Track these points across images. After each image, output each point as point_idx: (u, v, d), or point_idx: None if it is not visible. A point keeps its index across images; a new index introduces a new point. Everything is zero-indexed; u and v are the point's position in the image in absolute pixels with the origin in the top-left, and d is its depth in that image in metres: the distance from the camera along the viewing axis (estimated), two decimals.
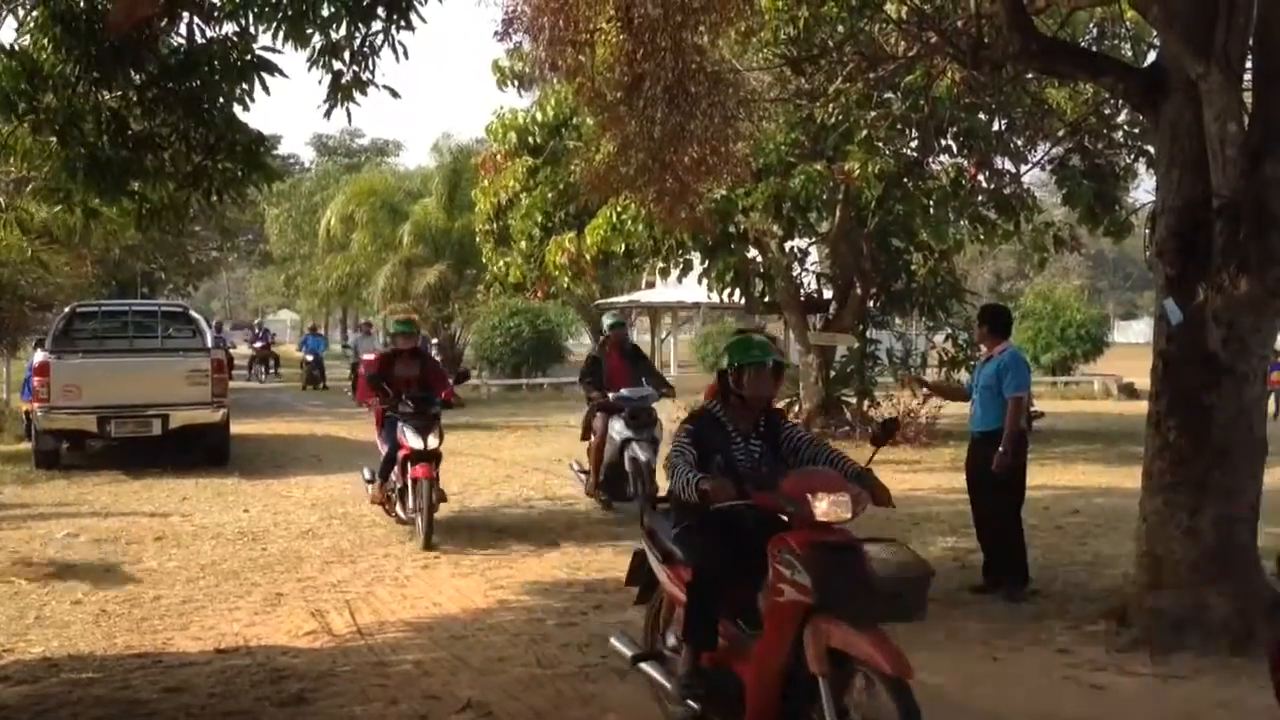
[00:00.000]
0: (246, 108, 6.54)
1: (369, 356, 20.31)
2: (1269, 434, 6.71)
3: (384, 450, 10.36)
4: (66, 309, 16.26)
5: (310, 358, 32.46)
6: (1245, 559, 6.45)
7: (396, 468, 10.01)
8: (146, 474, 13.50)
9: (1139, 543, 6.73)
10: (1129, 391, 26.90)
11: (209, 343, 15.02)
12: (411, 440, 9.71)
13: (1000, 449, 7.52)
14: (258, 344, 37.26)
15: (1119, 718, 5.48)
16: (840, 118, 13.43)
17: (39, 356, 14.00)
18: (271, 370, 36.65)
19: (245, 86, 6.38)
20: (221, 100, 6.49)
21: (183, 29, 6.42)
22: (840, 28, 12.23)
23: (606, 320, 12.40)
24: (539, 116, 16.60)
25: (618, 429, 10.60)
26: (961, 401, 8.59)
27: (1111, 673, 5.99)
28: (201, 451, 14.30)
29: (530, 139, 16.85)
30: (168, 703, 5.68)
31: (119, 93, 6.46)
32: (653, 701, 5.38)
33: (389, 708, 5.57)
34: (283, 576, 8.48)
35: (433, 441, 9.76)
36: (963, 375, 19.75)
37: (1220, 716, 5.37)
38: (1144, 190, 17.50)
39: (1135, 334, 58.24)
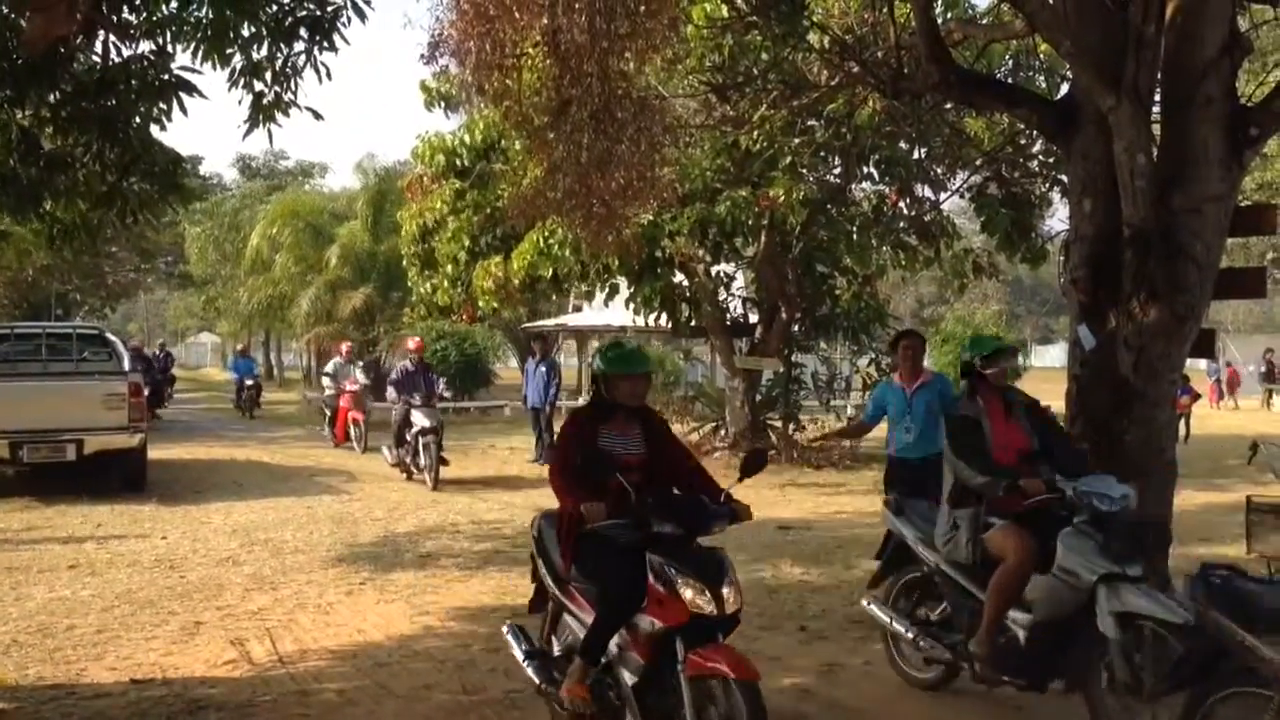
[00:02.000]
0: (164, 128, 6.46)
1: (351, 387, 19.74)
2: (1178, 457, 6.90)
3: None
4: None
5: (249, 381, 29.86)
6: (1157, 579, 6.60)
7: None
8: (60, 500, 13.15)
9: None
10: None
11: (125, 366, 14.70)
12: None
13: None
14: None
15: None
16: (765, 144, 13.61)
17: None
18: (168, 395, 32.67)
19: (163, 106, 6.29)
20: (138, 120, 6.39)
21: (99, 47, 6.32)
22: (764, 56, 12.41)
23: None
24: (466, 139, 16.58)
25: None
26: (863, 433, 8.74)
27: (1032, 693, 6.08)
28: (118, 477, 13.97)
29: (457, 162, 16.82)
30: None
31: (31, 111, 6.34)
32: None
33: None
34: (201, 605, 8.30)
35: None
36: (852, 398, 20.08)
37: None
38: (1059, 218, 17.98)
39: (1051, 358, 59.43)
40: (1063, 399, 7.04)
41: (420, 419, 14.85)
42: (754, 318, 18.49)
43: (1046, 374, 36.25)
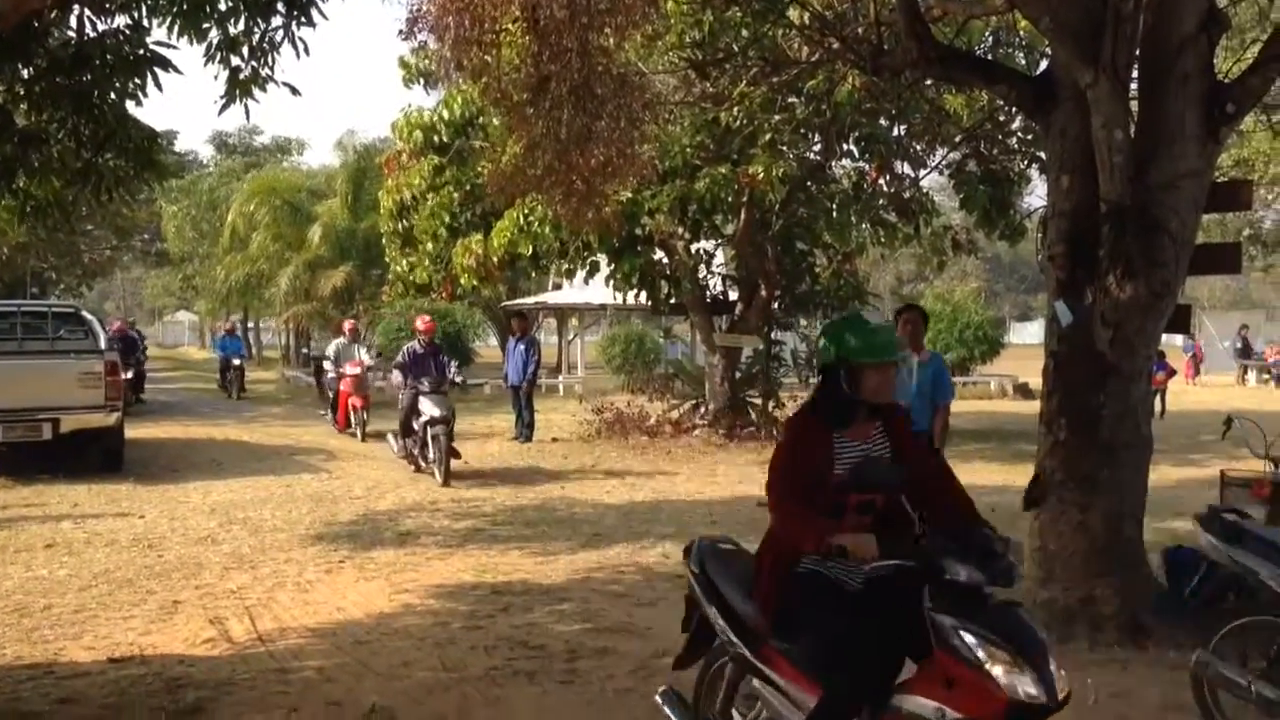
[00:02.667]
0: (139, 103, 6.40)
1: (352, 371, 18.43)
2: (1154, 432, 6.95)
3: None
4: None
5: (235, 361, 28.67)
6: (1132, 553, 6.68)
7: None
8: (36, 480, 13.06)
9: (1031, 538, 6.91)
10: (1024, 391, 27.61)
11: (102, 344, 14.60)
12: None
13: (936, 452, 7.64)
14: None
15: None
16: (744, 121, 13.59)
17: None
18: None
19: (138, 81, 6.24)
20: (113, 95, 6.33)
21: (73, 21, 6.25)
22: (744, 32, 12.39)
23: None
24: (445, 115, 16.47)
25: None
26: None
27: None
28: (95, 456, 13.87)
29: (436, 138, 16.71)
30: (60, 714, 5.52)
31: (4, 87, 6.27)
32: (558, 705, 5.39)
33: (289, 715, 5.48)
34: (180, 583, 8.28)
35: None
36: None
37: (1112, 705, 5.54)
38: (1037, 195, 18.01)
39: (1030, 335, 59.71)
40: (1040, 374, 7.08)
41: (429, 407, 13.45)
42: (734, 295, 18.50)
43: (1025, 350, 36.44)
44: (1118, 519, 6.63)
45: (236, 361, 28.65)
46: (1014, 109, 12.23)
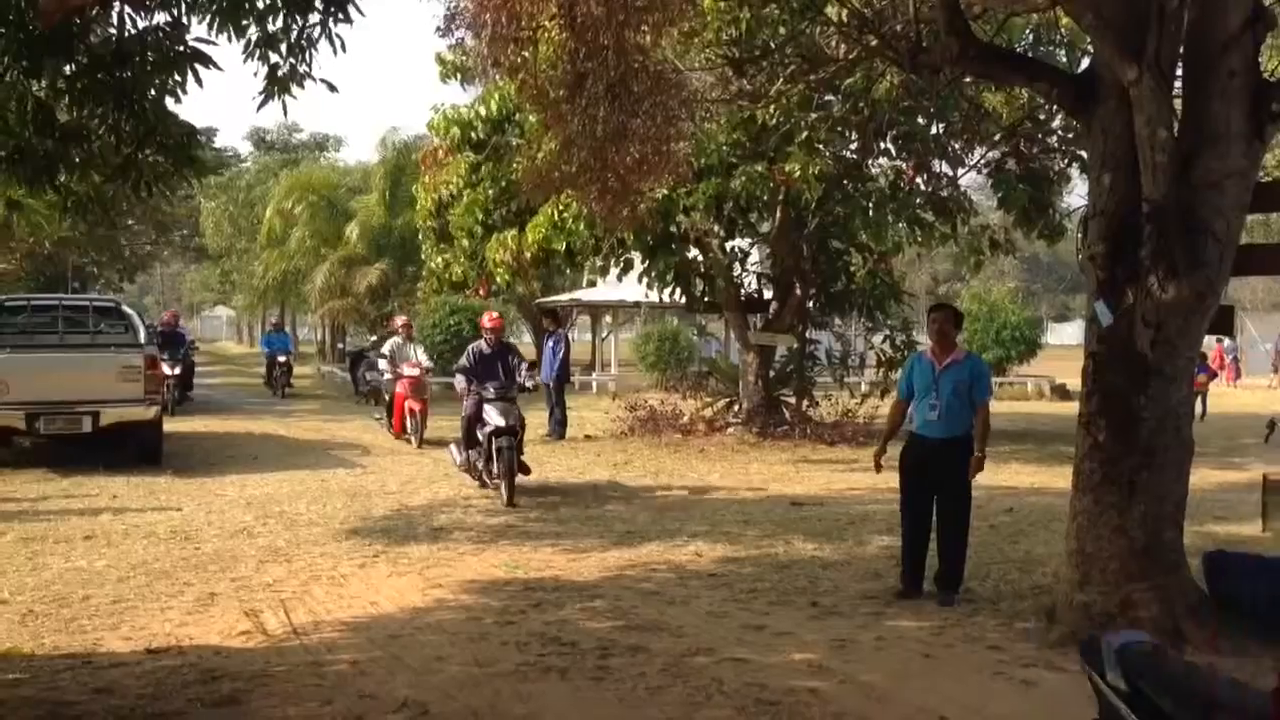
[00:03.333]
0: (178, 100, 6.44)
1: (410, 372, 16.93)
2: (1194, 435, 6.86)
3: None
4: None
5: (282, 358, 27.46)
6: (1171, 557, 6.59)
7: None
8: (76, 472, 13.23)
9: (1069, 541, 6.84)
10: (1061, 392, 27.37)
11: (142, 338, 14.75)
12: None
13: (978, 454, 7.58)
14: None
15: (1048, 712, 5.57)
16: (781, 119, 13.53)
17: None
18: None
19: (177, 78, 6.28)
20: (153, 92, 6.37)
21: (114, 19, 6.31)
22: (781, 30, 12.33)
23: None
24: (481, 112, 16.52)
25: None
26: (903, 413, 8.17)
27: (1041, 668, 6.09)
28: (133, 449, 14.03)
29: (472, 135, 16.77)
30: (97, 704, 5.57)
31: (47, 83, 6.33)
32: (590, 701, 5.39)
33: (323, 708, 5.50)
34: (216, 576, 8.35)
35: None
36: (866, 375, 20.00)
37: None
38: (1077, 194, 17.86)
39: (1068, 336, 59.26)
40: (1079, 376, 7.00)
41: (494, 416, 11.75)
42: (768, 293, 18.43)
43: (1063, 351, 36.12)
44: (1157, 522, 6.54)
45: (283, 358, 27.55)
46: (1054, 107, 12.11)
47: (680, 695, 5.67)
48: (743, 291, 18.23)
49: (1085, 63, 8.40)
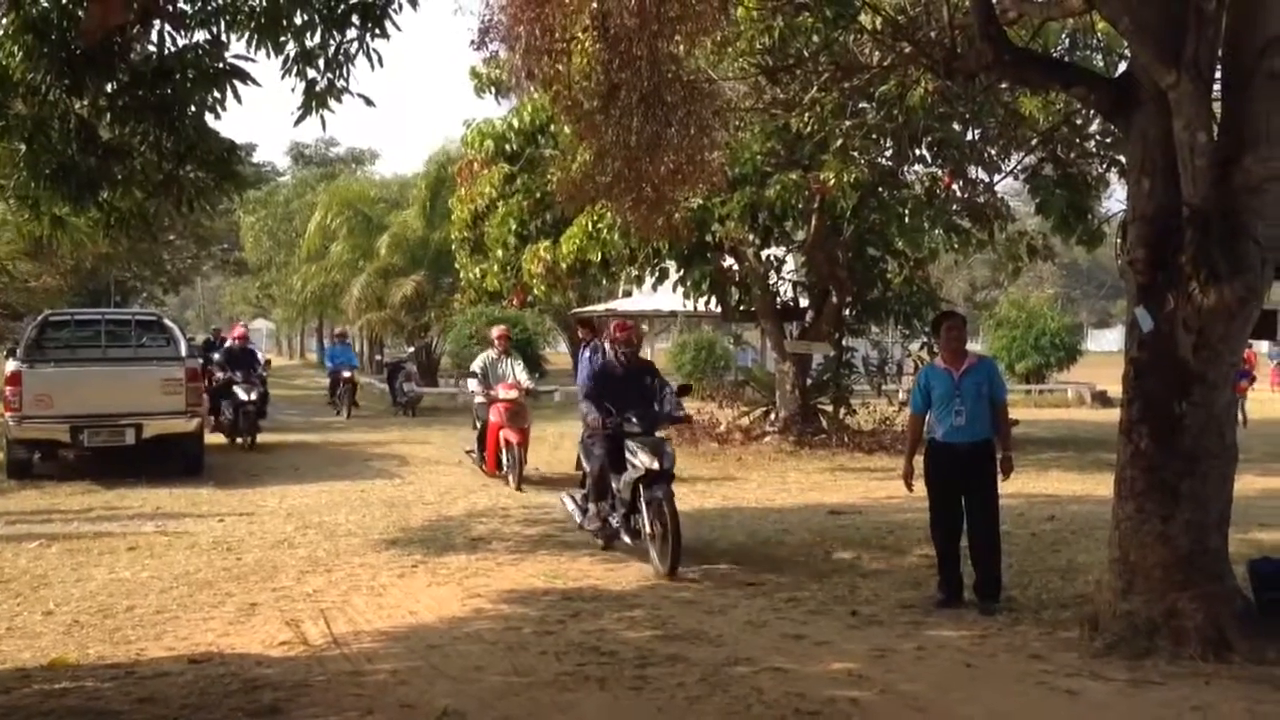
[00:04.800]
0: (218, 116, 6.54)
1: (508, 394, 13.64)
2: (1238, 441, 6.77)
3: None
4: (38, 317, 16.14)
5: (347, 373, 24.90)
6: (1217, 564, 6.50)
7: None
8: (120, 484, 13.39)
9: (1112, 549, 6.77)
10: (1102, 399, 27.10)
11: (183, 351, 14.93)
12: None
13: (1006, 455, 7.64)
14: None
15: None
16: (815, 127, 13.49)
17: (11, 366, 13.87)
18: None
19: (217, 94, 6.37)
20: (193, 108, 6.47)
21: (154, 37, 6.40)
22: (815, 38, 12.30)
23: None
24: (515, 124, 16.61)
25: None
26: (922, 426, 8.11)
27: (1084, 678, 6.03)
28: (176, 461, 14.20)
29: (507, 146, 16.85)
30: (141, 713, 5.63)
31: (89, 101, 6.43)
32: (629, 711, 5.38)
33: (364, 717, 5.53)
34: (257, 586, 8.42)
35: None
36: (904, 382, 19.88)
37: None
38: (1116, 199, 17.65)
39: (1108, 342, 58.62)
40: (1120, 383, 6.93)
41: (642, 457, 8.77)
42: (804, 302, 18.39)
43: (1103, 358, 35.78)
44: (1201, 529, 6.46)
45: (348, 374, 24.81)
46: (1092, 111, 12.01)
47: (719, 705, 5.66)
48: (778, 300, 18.19)
49: (1122, 67, 8.33)
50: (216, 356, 25.35)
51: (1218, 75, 6.60)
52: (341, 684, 6.05)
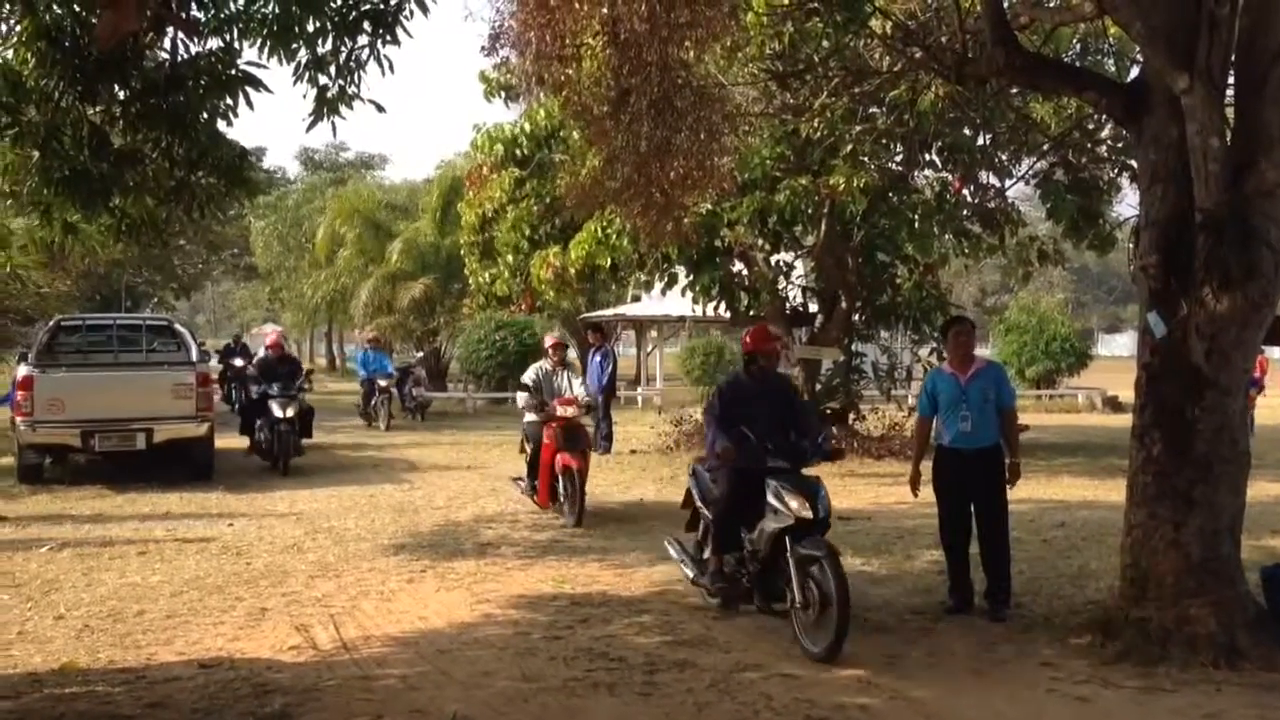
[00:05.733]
0: (230, 123, 6.56)
1: (566, 411, 11.48)
2: (1251, 447, 6.75)
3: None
4: (50, 322, 16.20)
5: (383, 381, 22.86)
6: (1229, 571, 6.48)
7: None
8: (130, 488, 13.43)
9: (1123, 555, 6.75)
10: (1113, 404, 27.02)
11: (194, 356, 14.97)
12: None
13: (1013, 461, 7.61)
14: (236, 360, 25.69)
15: None
16: (825, 132, 13.49)
17: (22, 370, 13.92)
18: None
19: (229, 101, 6.39)
20: (205, 115, 6.49)
21: (167, 44, 6.43)
22: (825, 43, 12.30)
23: None
24: (526, 129, 16.62)
25: None
26: (928, 430, 7.98)
27: (1096, 685, 6.01)
28: (186, 465, 14.22)
29: (517, 151, 16.86)
30: (151, 718, 5.65)
31: (102, 107, 6.46)
32: (638, 717, 5.37)
33: None
34: (267, 591, 8.43)
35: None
36: (913, 388, 19.84)
37: None
38: (1127, 204, 17.64)
39: (1119, 347, 58.55)
40: (1131, 389, 6.91)
41: (791, 501, 6.82)
42: (814, 307, 18.35)
43: (1114, 363, 35.66)
44: (1214, 536, 6.43)
45: (383, 383, 22.75)
46: (1103, 116, 11.99)
47: (728, 711, 5.65)
48: (788, 305, 18.15)
49: (1134, 72, 8.32)
50: (238, 361, 24.82)
51: (1231, 80, 6.58)
52: (351, 689, 6.05)
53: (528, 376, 12.26)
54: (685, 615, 7.62)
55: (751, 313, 17.88)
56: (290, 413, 15.02)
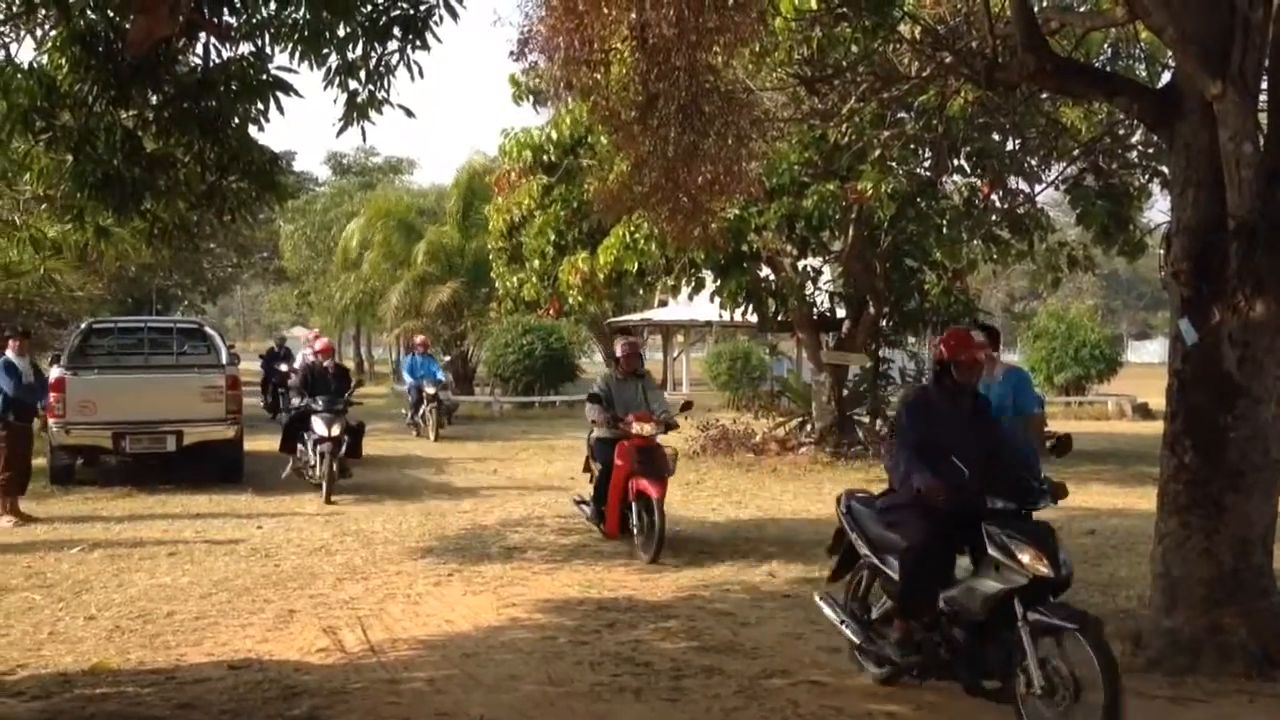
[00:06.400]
0: (261, 127, 6.60)
1: (644, 428, 9.89)
2: None
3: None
4: (82, 325, 16.36)
5: (431, 389, 21.10)
6: (1261, 581, 6.41)
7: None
8: (160, 490, 13.54)
9: (1154, 564, 6.68)
10: (1143, 412, 26.78)
11: (224, 359, 15.08)
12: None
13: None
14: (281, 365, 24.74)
15: None
16: (853, 137, 13.43)
17: (55, 373, 14.06)
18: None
19: (260, 106, 6.43)
20: (236, 120, 6.53)
21: (199, 49, 6.48)
22: (854, 48, 12.22)
23: None
24: (554, 134, 16.65)
25: None
26: None
27: (1127, 695, 5.94)
28: (215, 468, 14.33)
29: (545, 157, 16.90)
30: (181, 718, 5.69)
31: (134, 112, 6.51)
32: None
33: None
34: (295, 593, 8.48)
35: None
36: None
37: None
38: (1158, 210, 17.46)
39: (1149, 354, 58.03)
40: (1162, 396, 6.85)
41: (1023, 555, 5.29)
42: (841, 312, 18.31)
43: (1144, 370, 35.33)
44: (1246, 545, 6.37)
45: (431, 390, 21.02)
46: (1135, 122, 11.88)
47: (755, 717, 5.64)
48: (815, 310, 18.12)
49: (1166, 77, 8.24)
50: (284, 366, 23.45)
51: (1264, 85, 6.52)
52: (378, 692, 6.08)
53: (597, 386, 10.70)
54: (712, 621, 7.61)
55: (779, 318, 17.86)
56: (336, 430, 13.24)
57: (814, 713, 5.67)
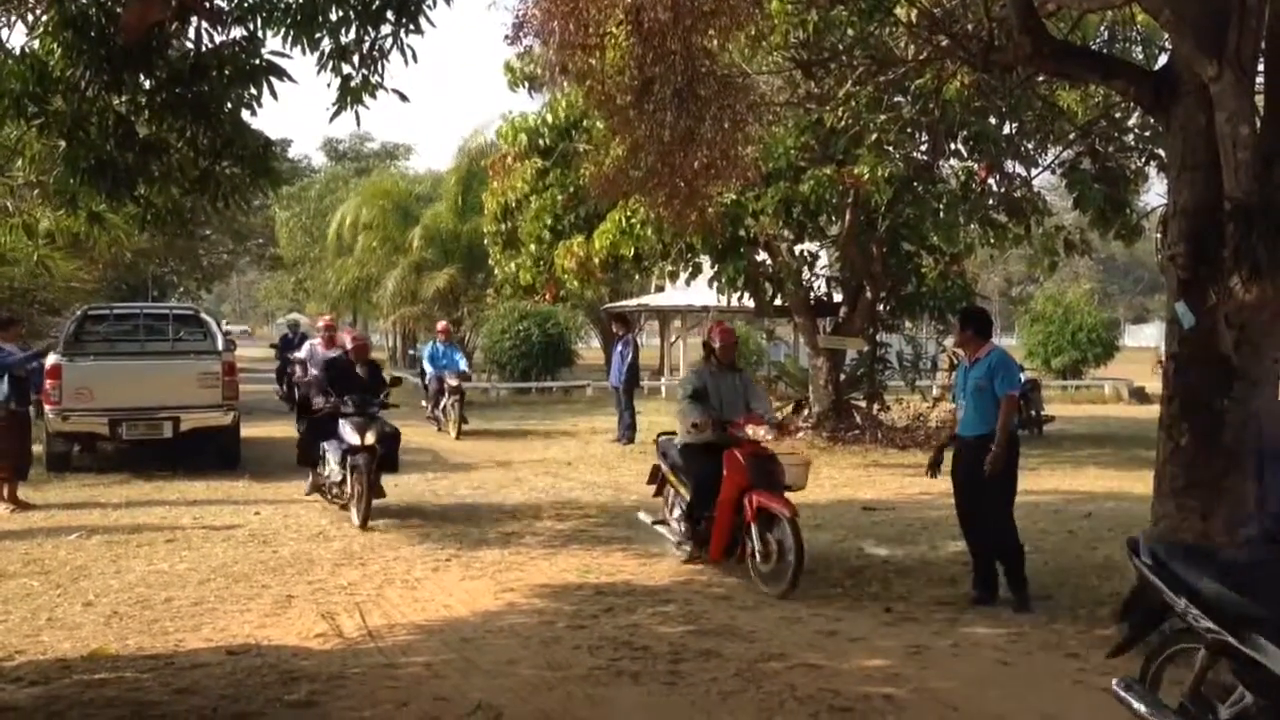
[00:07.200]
0: (254, 112, 6.55)
1: (757, 432, 8.42)
2: None
3: None
4: (78, 312, 16.33)
5: (453, 380, 19.02)
6: None
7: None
8: (157, 476, 13.53)
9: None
10: (1140, 395, 26.83)
11: (220, 345, 15.06)
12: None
13: (994, 448, 7.35)
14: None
15: None
16: (850, 121, 13.42)
17: (51, 359, 14.04)
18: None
19: (253, 91, 6.39)
20: (229, 105, 6.49)
21: (192, 34, 6.44)
22: (850, 31, 12.24)
23: None
24: (549, 119, 16.61)
25: None
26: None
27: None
28: (212, 454, 14.32)
29: (540, 141, 16.86)
30: (179, 704, 5.70)
31: (127, 97, 6.48)
32: (662, 705, 5.38)
33: (399, 710, 5.57)
34: (293, 578, 8.49)
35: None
36: (937, 378, 19.76)
37: None
38: (1155, 194, 17.47)
39: (1146, 338, 58.06)
40: (1158, 378, 6.85)
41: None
42: (838, 297, 18.30)
43: (1141, 354, 35.38)
44: (1242, 528, 6.37)
45: (454, 381, 18.95)
46: (1131, 105, 11.87)
47: (753, 701, 5.65)
48: (812, 295, 18.11)
49: (1163, 59, 8.22)
50: (300, 354, 18.67)
51: (1261, 67, 6.50)
52: (376, 677, 6.09)
53: (692, 382, 8.95)
54: (709, 605, 7.62)
55: (776, 303, 17.86)
56: (370, 439, 10.57)
57: (811, 695, 5.68)
